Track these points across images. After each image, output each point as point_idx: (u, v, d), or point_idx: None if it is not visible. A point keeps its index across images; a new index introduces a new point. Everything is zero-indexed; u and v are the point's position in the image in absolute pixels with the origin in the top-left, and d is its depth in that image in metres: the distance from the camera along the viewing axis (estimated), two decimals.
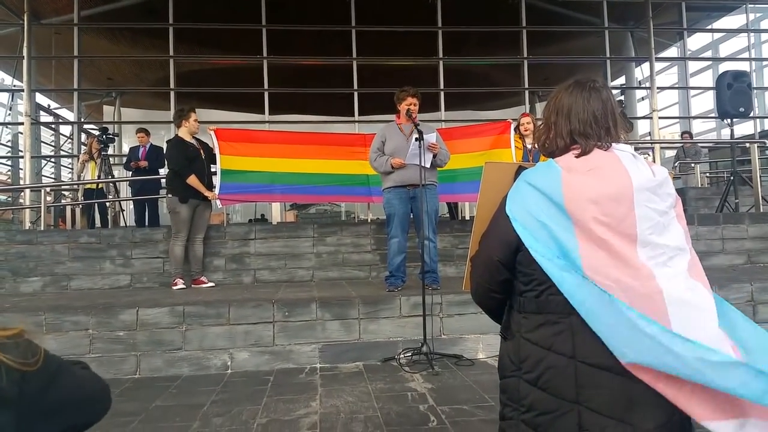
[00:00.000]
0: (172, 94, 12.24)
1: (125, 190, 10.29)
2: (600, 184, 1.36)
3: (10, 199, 14.42)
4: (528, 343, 1.41)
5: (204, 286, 6.00)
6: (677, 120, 15.58)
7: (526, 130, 6.49)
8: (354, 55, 12.50)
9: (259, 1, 12.25)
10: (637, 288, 1.30)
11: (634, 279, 1.31)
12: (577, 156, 1.48)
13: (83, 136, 12.87)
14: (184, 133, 6.04)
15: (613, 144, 1.49)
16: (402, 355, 4.27)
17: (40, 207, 8.71)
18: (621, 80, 15.04)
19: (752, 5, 14.12)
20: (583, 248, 1.33)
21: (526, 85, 13.12)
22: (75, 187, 10.54)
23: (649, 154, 10.72)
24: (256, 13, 12.22)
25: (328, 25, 12.59)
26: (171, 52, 12.21)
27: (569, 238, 1.35)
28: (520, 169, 1.60)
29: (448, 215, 9.02)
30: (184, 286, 5.86)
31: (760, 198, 7.79)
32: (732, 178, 7.98)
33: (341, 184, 6.79)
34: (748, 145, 11.13)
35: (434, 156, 4.97)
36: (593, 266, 1.32)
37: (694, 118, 14.54)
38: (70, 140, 14.06)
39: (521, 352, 1.43)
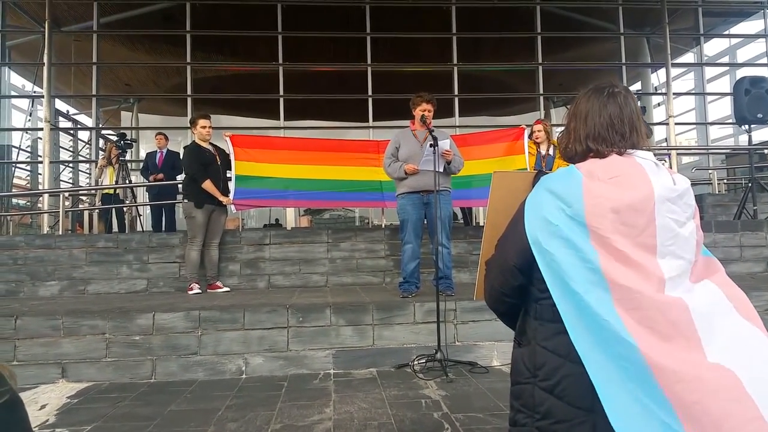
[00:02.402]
0: (188, 100, 12.35)
1: (142, 196, 10.38)
2: (622, 194, 1.35)
3: (29, 203, 14.65)
4: (545, 351, 1.40)
5: (219, 291, 6.05)
6: (694, 126, 15.42)
7: (538, 138, 6.48)
8: (369, 62, 12.54)
9: (275, 9, 12.34)
10: (658, 298, 1.30)
11: (649, 289, 1.31)
12: (592, 157, 1.49)
13: (101, 142, 13.04)
14: (199, 139, 6.12)
15: (634, 151, 1.48)
16: (416, 362, 4.26)
17: (59, 212, 8.83)
18: (637, 86, 14.92)
19: None
20: (600, 252, 1.32)
21: (541, 91, 13.07)
22: (93, 192, 10.66)
23: (666, 160, 10.62)
24: (272, 20, 12.31)
25: (343, 32, 12.65)
26: (188, 59, 12.33)
27: (586, 244, 1.34)
28: (539, 175, 1.60)
29: (462, 221, 9.00)
30: (199, 291, 5.91)
31: None
32: (750, 184, 7.88)
33: (355, 190, 6.81)
34: (766, 151, 11.03)
35: (448, 163, 4.96)
36: (610, 270, 1.31)
37: (712, 124, 14.38)
38: (88, 146, 14.25)
39: (537, 359, 1.42)
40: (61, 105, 14.24)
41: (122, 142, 8.85)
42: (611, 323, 1.27)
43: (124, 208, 9.27)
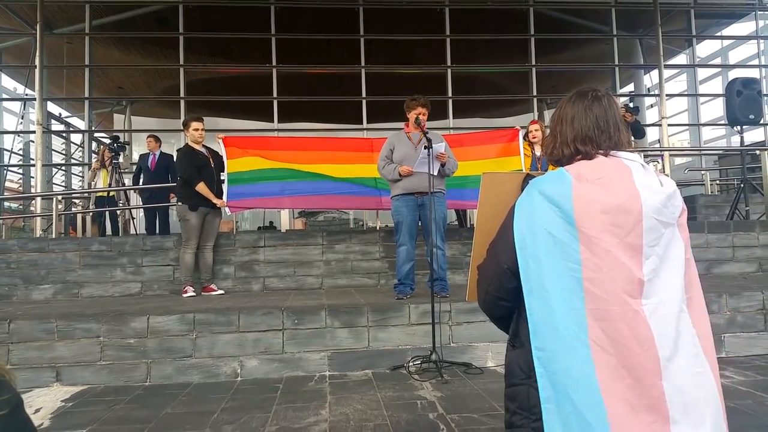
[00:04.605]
0: (182, 102, 12.34)
1: (135, 199, 10.35)
2: (610, 195, 1.37)
3: (21, 207, 14.57)
4: None
5: (214, 293, 6.03)
6: (687, 127, 15.50)
7: (534, 138, 6.49)
8: (362, 64, 12.55)
9: (269, 11, 12.34)
10: (631, 304, 1.33)
11: (629, 295, 1.33)
12: (580, 159, 1.51)
13: (94, 145, 12.99)
14: (192, 142, 6.10)
15: (621, 153, 1.50)
16: (411, 363, 4.26)
17: (52, 215, 8.77)
18: (630, 87, 15.01)
19: (762, 12, 14.07)
20: (585, 260, 1.35)
21: (535, 93, 13.12)
22: (86, 195, 10.61)
23: (658, 161, 10.66)
24: (265, 22, 12.31)
25: (337, 34, 12.66)
26: (181, 61, 12.32)
27: (574, 249, 1.36)
28: (527, 178, 1.62)
29: (456, 223, 9.01)
30: (194, 294, 5.89)
31: None
32: (742, 185, 7.93)
33: (349, 188, 6.77)
34: (758, 152, 11.07)
35: (442, 165, 4.97)
36: (592, 278, 1.33)
37: (704, 125, 14.47)
38: (80, 149, 14.19)
39: (531, 361, 1.44)
40: (53, 108, 14.19)
41: (115, 144, 8.82)
42: (577, 335, 1.33)
43: (118, 211, 9.23)
